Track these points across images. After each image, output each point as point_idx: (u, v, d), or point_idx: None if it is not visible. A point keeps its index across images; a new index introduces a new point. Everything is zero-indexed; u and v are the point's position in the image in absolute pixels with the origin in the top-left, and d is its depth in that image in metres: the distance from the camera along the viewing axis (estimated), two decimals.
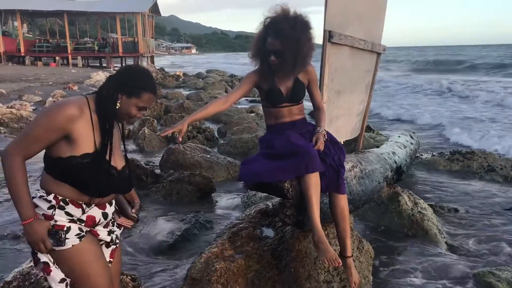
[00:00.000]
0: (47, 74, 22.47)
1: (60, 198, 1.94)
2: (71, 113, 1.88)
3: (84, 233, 1.97)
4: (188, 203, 4.79)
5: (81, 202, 1.96)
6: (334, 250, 2.51)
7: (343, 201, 2.71)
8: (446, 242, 4.01)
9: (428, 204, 4.55)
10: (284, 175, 2.58)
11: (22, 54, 31.85)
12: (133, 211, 2.25)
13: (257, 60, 2.79)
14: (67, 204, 1.94)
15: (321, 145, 2.68)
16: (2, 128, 8.48)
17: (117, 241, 2.16)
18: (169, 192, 4.97)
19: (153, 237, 3.73)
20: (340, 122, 3.88)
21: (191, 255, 3.48)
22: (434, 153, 7.12)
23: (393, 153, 4.51)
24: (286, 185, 2.59)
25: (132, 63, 33.80)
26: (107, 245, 2.12)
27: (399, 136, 5.74)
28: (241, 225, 3.05)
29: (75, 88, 16.17)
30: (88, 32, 41.44)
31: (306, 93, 2.90)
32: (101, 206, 2.04)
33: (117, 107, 1.99)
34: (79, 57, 32.18)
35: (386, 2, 4.23)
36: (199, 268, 2.71)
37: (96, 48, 32.80)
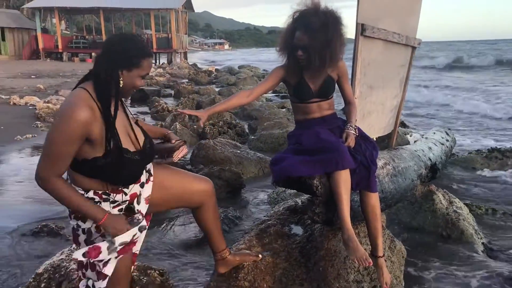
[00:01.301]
0: (83, 70, 22.94)
1: (100, 192, 1.97)
2: (84, 117, 1.81)
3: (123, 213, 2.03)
4: (217, 199, 4.77)
5: (121, 188, 2.01)
6: (365, 249, 2.44)
7: (374, 199, 2.63)
8: (483, 244, 3.86)
9: (464, 204, 4.38)
10: (314, 170, 2.52)
11: (60, 51, 32.76)
12: (173, 141, 2.27)
13: (284, 54, 2.73)
14: (108, 194, 1.99)
15: (351, 142, 2.61)
16: (39, 122, 8.71)
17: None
18: None
19: (182, 233, 3.74)
20: (372, 118, 3.78)
21: None
22: (470, 151, 6.89)
23: (428, 150, 4.38)
24: (315, 182, 2.53)
25: (166, 59, 34.30)
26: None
27: (434, 133, 5.57)
28: (269, 222, 3.01)
29: None
30: (123, 28, 42.18)
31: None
32: (138, 181, 2.09)
33: (120, 86, 1.91)
34: None
35: None
36: None
37: None
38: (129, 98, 2.12)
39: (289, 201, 3.35)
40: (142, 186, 2.11)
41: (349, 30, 2.74)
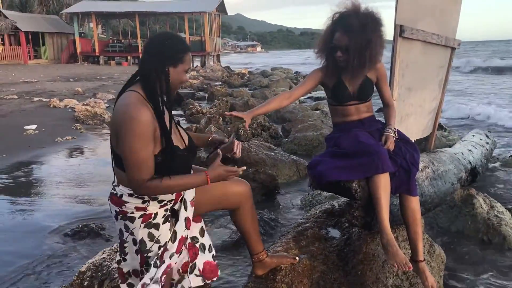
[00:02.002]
0: (119, 73, 23.53)
1: None
2: (148, 117, 1.88)
3: (168, 213, 2.12)
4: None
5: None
6: (404, 253, 2.41)
7: (414, 203, 2.59)
8: None
9: (506, 208, 4.26)
10: (353, 174, 2.50)
11: (97, 54, 33.57)
12: (226, 140, 2.36)
13: (323, 56, 2.72)
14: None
15: (391, 145, 2.58)
16: (78, 124, 8.96)
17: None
18: None
19: (218, 234, 3.77)
20: (411, 120, 3.72)
21: None
22: None
23: (468, 153, 4.28)
24: (354, 185, 2.52)
25: (199, 62, 34.67)
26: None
27: (473, 135, 5.44)
28: (306, 225, 3.01)
29: None
30: (158, 31, 42.83)
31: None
32: None
33: (168, 77, 1.98)
34: None
35: None
36: None
37: None
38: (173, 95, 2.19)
39: (325, 204, 3.33)
40: None
41: (388, 31, 2.71)
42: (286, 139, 7.67)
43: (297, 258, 2.68)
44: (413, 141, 3.62)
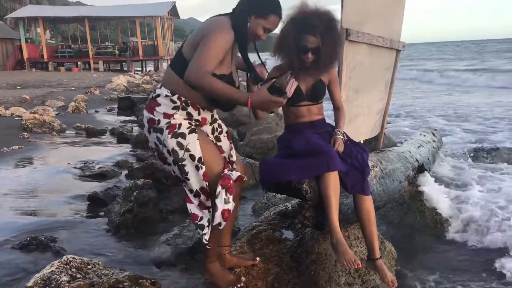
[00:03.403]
0: (69, 79, 22.86)
1: (183, 99, 2.31)
2: (231, 36, 2.20)
3: (194, 126, 2.35)
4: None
5: (199, 106, 2.35)
6: (355, 252, 2.46)
7: (368, 202, 2.66)
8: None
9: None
10: (303, 174, 2.54)
11: (45, 60, 32.46)
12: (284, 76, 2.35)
13: (286, 58, 2.72)
14: (188, 105, 2.32)
15: (339, 147, 2.64)
16: (26, 133, 8.63)
17: (221, 128, 2.61)
18: None
19: (173, 241, 3.73)
20: (359, 121, 3.82)
21: None
22: (457, 151, 6.98)
23: (415, 151, 4.43)
24: (305, 186, 2.55)
25: (152, 66, 34.22)
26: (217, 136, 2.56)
27: (420, 134, 5.63)
28: (260, 228, 3.02)
29: (97, 92, 16.40)
30: (109, 36, 42.00)
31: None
32: (211, 110, 2.48)
33: (247, 23, 2.25)
34: (100, 62, 32.63)
35: None
36: None
37: (117, 52, 33.21)
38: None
39: (279, 206, 3.37)
40: (212, 118, 2.50)
41: None
42: (242, 142, 7.68)
43: (258, 259, 2.72)
44: (362, 141, 3.73)
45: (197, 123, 2.40)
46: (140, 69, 36.01)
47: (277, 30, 2.62)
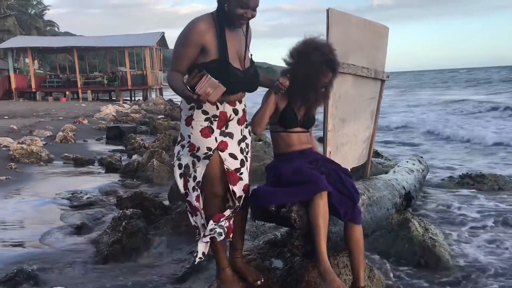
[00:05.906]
0: (57, 109, 22.82)
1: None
2: (200, 27, 2.39)
3: (211, 153, 2.53)
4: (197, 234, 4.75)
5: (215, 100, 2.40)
6: (344, 280, 2.48)
7: (358, 232, 2.70)
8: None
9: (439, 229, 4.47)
10: (291, 198, 2.58)
11: (33, 90, 32.41)
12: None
13: (305, 89, 2.77)
14: (204, 102, 2.36)
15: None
16: (13, 164, 8.57)
17: (247, 149, 2.74)
18: (177, 223, 4.94)
19: (162, 270, 3.71)
20: (346, 149, 3.89)
21: None
22: (443, 178, 7.06)
23: (402, 178, 4.49)
24: (293, 215, 2.59)
25: (141, 96, 34.34)
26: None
27: (407, 162, 5.72)
28: (249, 257, 3.03)
29: (85, 121, 16.37)
30: (98, 66, 42.21)
31: None
32: (232, 104, 2.55)
33: (225, 10, 2.38)
34: (89, 91, 32.69)
35: (388, 29, 4.28)
36: None
37: (106, 81, 33.35)
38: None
39: (268, 234, 3.38)
40: (236, 113, 2.58)
41: None
42: None
43: (262, 279, 2.77)
44: (350, 169, 3.78)
45: (215, 119, 2.53)
46: (129, 98, 36.11)
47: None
